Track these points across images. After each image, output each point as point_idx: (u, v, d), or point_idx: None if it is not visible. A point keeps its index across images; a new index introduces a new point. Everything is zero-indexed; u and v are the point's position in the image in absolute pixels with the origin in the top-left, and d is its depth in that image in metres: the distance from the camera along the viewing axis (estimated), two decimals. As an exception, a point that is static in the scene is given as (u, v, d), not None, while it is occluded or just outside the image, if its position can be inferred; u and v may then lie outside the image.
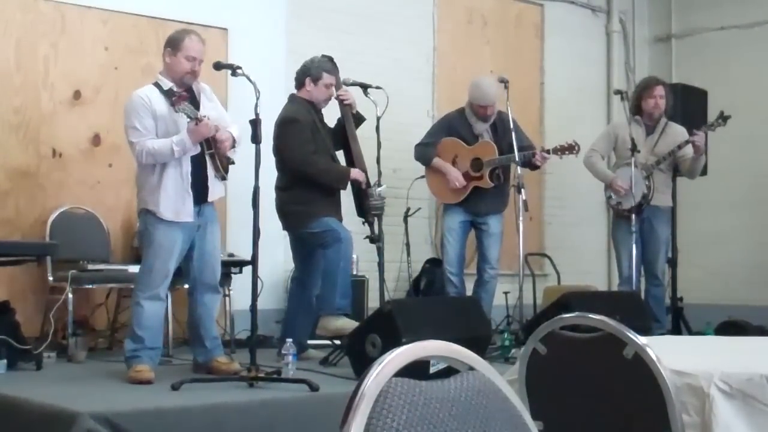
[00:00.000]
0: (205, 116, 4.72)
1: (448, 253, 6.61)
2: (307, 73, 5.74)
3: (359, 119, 5.89)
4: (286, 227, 5.77)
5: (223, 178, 4.97)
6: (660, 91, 6.90)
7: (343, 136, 5.84)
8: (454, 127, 6.63)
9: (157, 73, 4.98)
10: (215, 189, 4.97)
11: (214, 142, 4.80)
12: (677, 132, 6.96)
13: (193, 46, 4.86)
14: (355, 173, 5.69)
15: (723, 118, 6.84)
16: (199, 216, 4.90)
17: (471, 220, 6.63)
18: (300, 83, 5.77)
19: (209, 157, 4.85)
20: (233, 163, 4.91)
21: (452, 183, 6.50)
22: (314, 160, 5.60)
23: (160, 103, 4.77)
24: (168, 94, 4.72)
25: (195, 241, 4.92)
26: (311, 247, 5.69)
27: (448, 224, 6.63)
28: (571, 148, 6.46)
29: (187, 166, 4.81)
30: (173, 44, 4.87)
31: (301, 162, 5.59)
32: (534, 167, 6.64)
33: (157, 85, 4.85)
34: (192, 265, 4.96)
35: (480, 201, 6.54)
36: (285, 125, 5.65)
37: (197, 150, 4.77)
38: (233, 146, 4.93)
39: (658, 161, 6.82)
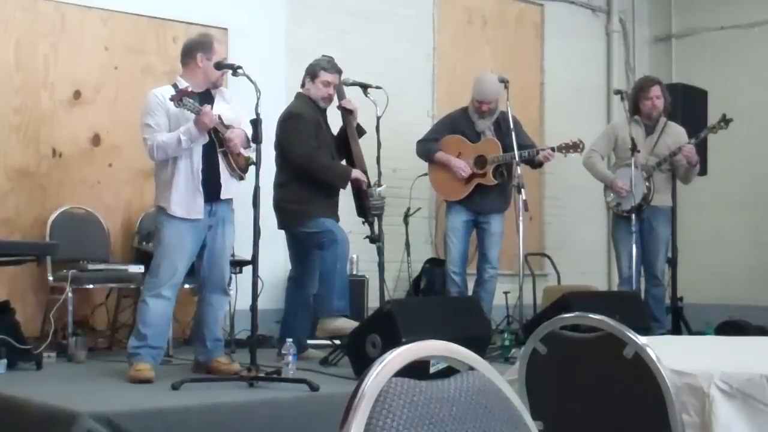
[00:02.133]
0: (206, 106, 4.74)
1: (452, 252, 6.61)
2: (307, 72, 5.78)
3: (360, 131, 5.90)
4: (282, 225, 5.76)
5: (241, 178, 4.97)
6: (656, 91, 6.89)
7: (344, 139, 5.85)
8: (456, 124, 6.63)
9: (178, 75, 5.02)
10: (229, 187, 4.96)
11: (225, 140, 4.82)
12: (677, 132, 6.97)
13: (222, 49, 5.04)
14: (357, 173, 5.68)
15: (725, 121, 6.83)
16: (211, 215, 4.91)
17: (474, 219, 6.63)
18: (303, 82, 5.82)
19: (222, 155, 4.86)
20: (254, 162, 4.73)
21: (458, 173, 6.49)
22: (317, 155, 5.60)
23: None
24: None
25: (206, 241, 4.94)
26: (307, 246, 5.69)
27: (451, 224, 6.63)
28: (575, 146, 6.48)
29: (198, 163, 4.83)
30: (206, 49, 4.92)
31: (303, 156, 5.59)
32: (536, 165, 6.65)
33: (174, 86, 4.89)
34: (202, 265, 4.98)
35: (483, 199, 6.55)
36: (288, 120, 5.66)
37: (205, 139, 4.78)
38: (248, 145, 4.92)
39: (659, 163, 6.83)
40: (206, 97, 4.95)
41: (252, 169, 4.65)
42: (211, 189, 4.88)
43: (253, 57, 6.26)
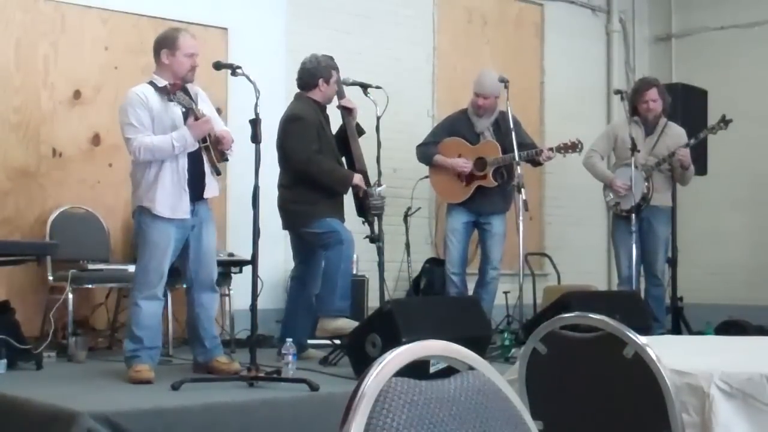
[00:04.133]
0: (202, 113, 4.75)
1: (451, 253, 6.60)
2: (318, 75, 5.70)
3: (359, 131, 5.89)
4: (286, 225, 5.76)
5: (218, 173, 4.98)
6: (652, 94, 6.87)
7: (343, 139, 5.84)
8: (456, 127, 6.63)
9: (152, 73, 4.97)
10: (211, 186, 4.96)
11: (219, 137, 4.82)
12: (677, 133, 6.96)
13: (188, 43, 4.89)
14: (357, 179, 5.68)
15: (725, 122, 6.82)
16: (193, 215, 4.89)
17: (474, 221, 6.63)
18: (310, 85, 5.73)
19: (204, 150, 4.85)
20: (227, 159, 4.93)
21: (459, 170, 6.47)
22: (318, 159, 5.59)
23: (156, 101, 4.78)
24: (163, 90, 4.73)
25: (190, 241, 4.91)
26: (312, 246, 5.69)
27: (451, 225, 6.63)
28: (574, 147, 6.48)
29: (184, 162, 4.80)
30: (169, 44, 4.87)
31: (304, 160, 5.58)
32: (537, 164, 6.66)
33: (152, 84, 4.86)
34: (188, 266, 4.95)
35: (484, 201, 6.54)
36: (290, 123, 5.64)
37: (196, 147, 4.78)
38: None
39: (659, 163, 6.82)
40: (186, 95, 4.92)
41: (252, 168, 4.65)
42: (196, 188, 4.87)
43: (252, 57, 6.27)
